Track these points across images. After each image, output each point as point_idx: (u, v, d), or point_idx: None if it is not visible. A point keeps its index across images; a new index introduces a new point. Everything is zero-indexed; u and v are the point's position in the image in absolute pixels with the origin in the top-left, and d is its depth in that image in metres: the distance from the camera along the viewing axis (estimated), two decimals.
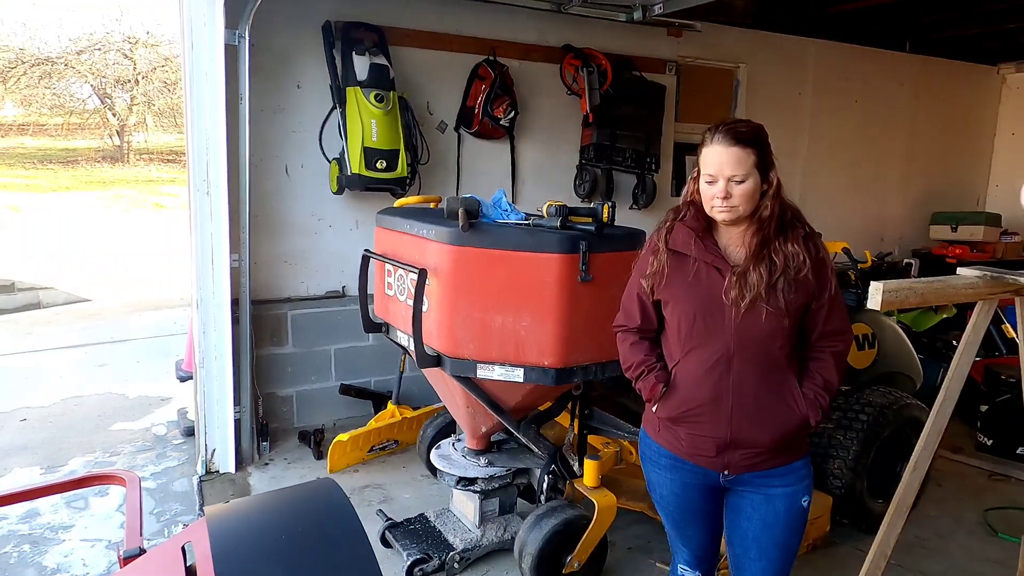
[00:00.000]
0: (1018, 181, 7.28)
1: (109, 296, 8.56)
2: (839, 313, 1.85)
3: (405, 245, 2.73)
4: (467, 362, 2.50)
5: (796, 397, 1.81)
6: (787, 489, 1.87)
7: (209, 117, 3.48)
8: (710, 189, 1.77)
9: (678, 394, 1.85)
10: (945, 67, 6.89)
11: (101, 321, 7.33)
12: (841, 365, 1.85)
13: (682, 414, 1.85)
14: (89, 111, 20.04)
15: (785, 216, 1.80)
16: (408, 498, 3.61)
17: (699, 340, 1.81)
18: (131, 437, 4.36)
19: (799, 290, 1.76)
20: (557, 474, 2.90)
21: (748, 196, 1.75)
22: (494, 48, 4.60)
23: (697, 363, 1.82)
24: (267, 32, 3.96)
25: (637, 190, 5.22)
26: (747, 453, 1.83)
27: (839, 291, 1.87)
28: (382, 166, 3.96)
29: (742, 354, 1.77)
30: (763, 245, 1.76)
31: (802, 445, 1.91)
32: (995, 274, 2.09)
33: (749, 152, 1.73)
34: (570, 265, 2.36)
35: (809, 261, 1.77)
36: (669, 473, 1.95)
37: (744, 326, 1.76)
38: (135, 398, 5.04)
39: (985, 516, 3.53)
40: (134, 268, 10.16)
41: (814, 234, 1.84)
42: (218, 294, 3.63)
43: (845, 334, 1.88)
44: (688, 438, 1.87)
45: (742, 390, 1.79)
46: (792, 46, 5.93)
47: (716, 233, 1.86)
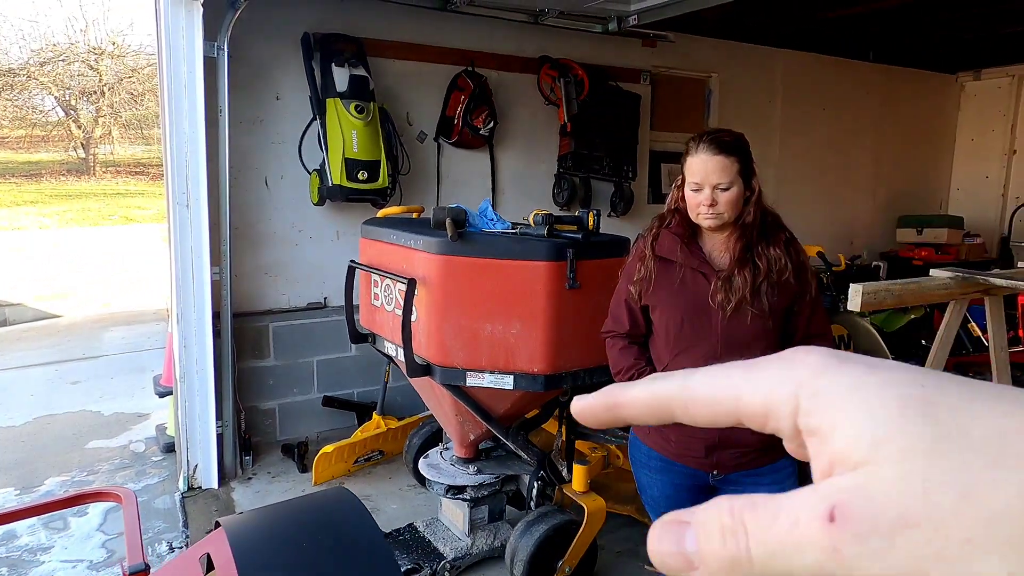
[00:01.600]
0: (978, 185, 7.55)
1: (79, 312, 8.37)
2: (821, 316, 1.92)
3: (392, 255, 2.74)
4: (457, 371, 2.52)
5: None
6: (772, 488, 1.89)
7: (188, 129, 3.46)
8: (696, 197, 1.82)
9: None
10: (907, 76, 7.12)
11: (72, 337, 7.17)
12: None
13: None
14: (52, 123, 19.63)
15: (767, 221, 1.86)
16: (395, 509, 3.60)
17: (687, 343, 1.86)
18: (108, 455, 4.27)
19: (782, 293, 1.82)
20: (546, 480, 2.93)
21: (732, 203, 1.80)
22: (473, 59, 4.65)
23: (685, 366, 1.85)
24: (246, 44, 3.95)
25: (615, 198, 5.29)
26: (735, 452, 1.88)
27: (820, 295, 1.94)
28: (363, 177, 3.97)
29: (728, 356, 1.82)
30: (747, 250, 1.82)
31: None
32: (966, 275, 2.18)
33: (733, 160, 1.80)
34: (558, 272, 2.40)
35: (791, 264, 1.83)
36: (660, 476, 1.98)
37: (730, 329, 1.81)
38: (111, 415, 4.95)
39: None
40: (104, 283, 9.96)
41: (794, 239, 1.90)
42: (199, 307, 3.60)
43: (827, 336, 1.94)
44: (677, 439, 1.91)
45: None
46: (762, 56, 6.08)
47: (700, 239, 1.91)
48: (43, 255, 11.59)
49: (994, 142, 7.40)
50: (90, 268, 11.00)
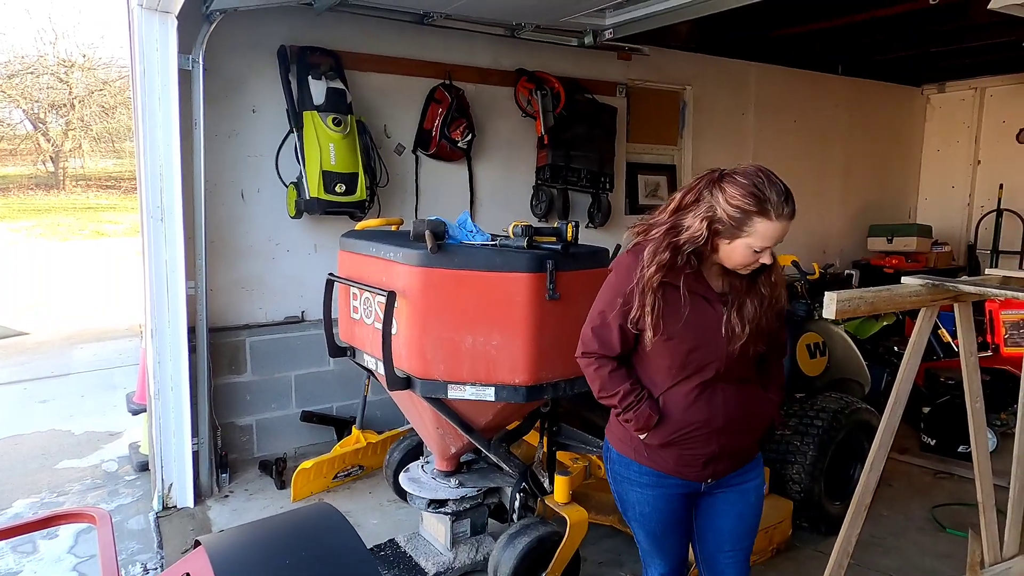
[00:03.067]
0: (944, 194, 7.75)
1: (48, 329, 8.18)
2: (783, 326, 2.05)
3: (371, 268, 2.73)
4: (438, 383, 2.51)
5: (765, 402, 1.99)
6: (756, 480, 2.05)
7: (163, 143, 3.42)
8: (752, 256, 1.76)
9: (670, 421, 1.88)
10: (875, 88, 7.30)
11: (40, 355, 7.00)
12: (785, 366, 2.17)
13: (674, 439, 1.89)
14: (20, 136, 19.28)
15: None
16: (376, 524, 3.56)
17: (691, 370, 1.85)
18: (79, 475, 4.17)
19: (775, 315, 1.91)
20: (528, 492, 2.92)
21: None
22: (450, 72, 4.66)
23: (686, 390, 1.87)
24: (221, 57, 3.93)
25: (592, 209, 5.34)
26: (733, 458, 1.96)
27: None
28: (341, 189, 3.95)
29: (727, 378, 1.88)
30: (754, 277, 1.86)
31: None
32: (936, 282, 2.23)
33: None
34: (538, 283, 2.40)
35: (780, 287, 1.92)
36: (652, 491, 1.96)
37: (734, 355, 1.85)
38: (81, 434, 4.83)
39: (933, 513, 3.70)
40: (74, 298, 9.76)
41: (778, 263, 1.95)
42: (174, 322, 3.54)
43: (786, 344, 2.15)
44: (677, 457, 1.92)
45: (730, 407, 1.89)
46: (735, 69, 6.19)
47: (702, 264, 1.86)
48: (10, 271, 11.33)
49: (959, 153, 7.61)
50: (60, 284, 10.78)
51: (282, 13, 3.98)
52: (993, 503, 2.72)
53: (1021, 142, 7.14)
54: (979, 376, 2.55)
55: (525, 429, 3.03)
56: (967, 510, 3.69)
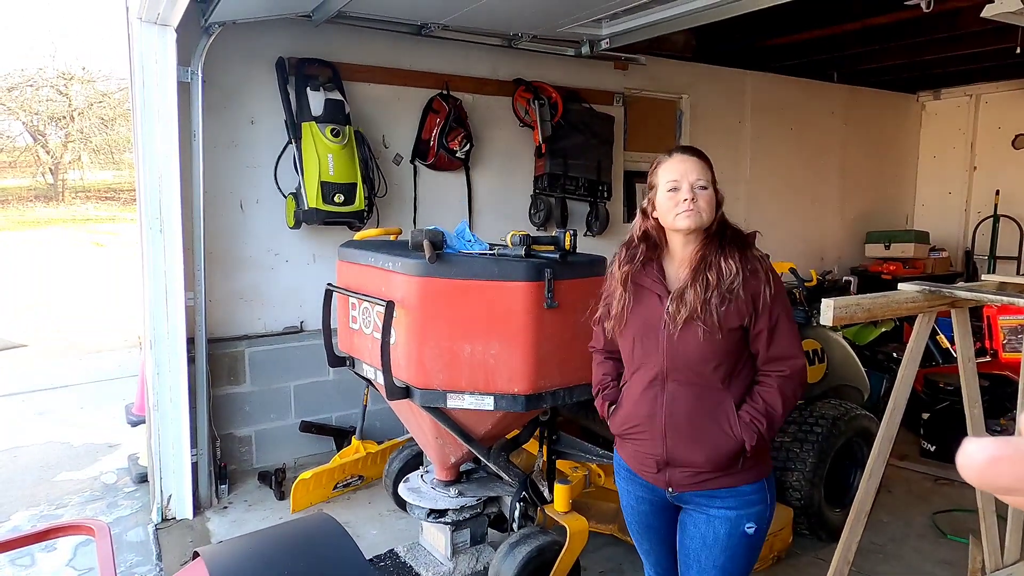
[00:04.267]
0: (941, 200, 7.78)
1: (46, 340, 8.17)
2: (785, 337, 1.81)
3: (370, 278, 2.73)
4: (437, 392, 2.51)
5: (731, 420, 1.79)
6: (729, 512, 1.84)
7: (162, 154, 3.43)
8: (673, 197, 1.80)
9: (622, 411, 1.94)
10: (870, 96, 7.35)
11: (39, 367, 7.00)
12: (787, 390, 1.80)
13: (626, 431, 1.94)
14: (20, 149, 19.32)
15: (725, 234, 1.84)
16: (375, 534, 3.55)
17: (639, 361, 1.88)
18: (78, 487, 4.16)
19: (732, 305, 1.76)
20: (528, 501, 2.91)
21: (711, 203, 1.81)
22: (448, 82, 4.69)
23: (638, 382, 1.89)
24: (220, 68, 3.95)
25: (591, 217, 5.35)
26: (686, 472, 1.84)
27: (788, 315, 1.84)
28: (339, 200, 3.96)
29: (675, 374, 1.82)
30: (702, 261, 1.80)
31: (754, 469, 1.85)
32: (932, 288, 2.24)
33: (706, 166, 1.85)
34: (536, 292, 2.41)
35: (742, 276, 1.77)
36: (626, 484, 2.03)
37: (677, 346, 1.79)
38: (80, 446, 4.82)
39: (933, 519, 3.70)
40: (73, 310, 9.76)
41: (757, 258, 1.84)
42: (172, 333, 3.54)
43: (792, 359, 1.82)
44: (633, 453, 1.95)
45: (674, 409, 1.82)
46: (730, 77, 6.23)
47: (667, 259, 1.89)
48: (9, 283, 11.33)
49: (955, 159, 7.64)
50: (59, 295, 10.78)
51: (281, 25, 4.01)
52: (993, 508, 2.72)
53: (1017, 148, 7.17)
54: (977, 382, 2.56)
55: (525, 438, 3.03)
56: (968, 516, 3.68)
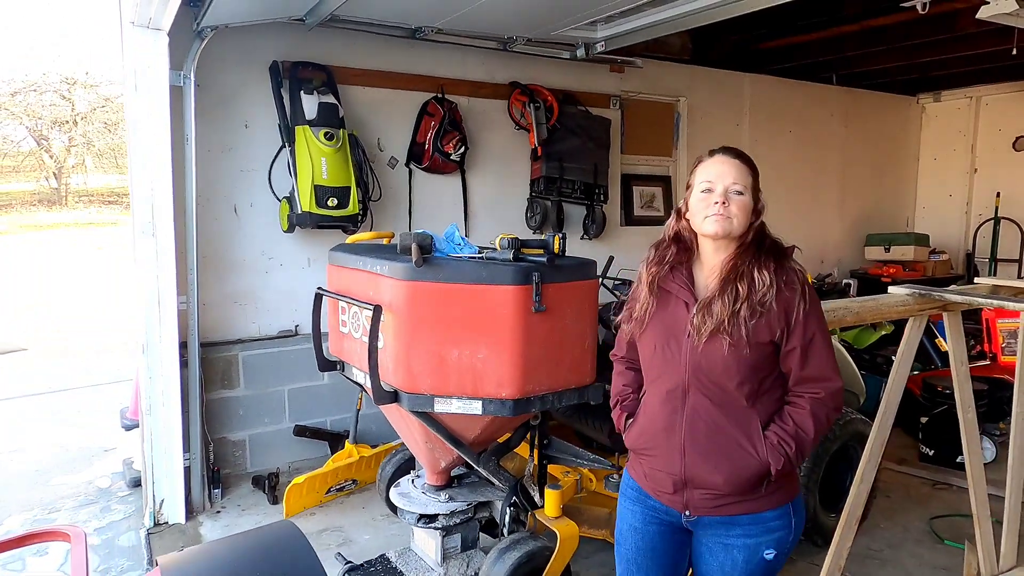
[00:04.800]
0: (942, 203, 7.74)
1: (46, 343, 8.19)
2: (821, 357, 1.72)
3: (359, 282, 2.72)
4: (425, 397, 2.50)
5: (757, 440, 1.68)
6: (748, 540, 1.75)
7: (154, 159, 3.43)
8: (706, 199, 1.72)
9: (638, 424, 1.85)
10: (870, 98, 7.32)
11: (37, 370, 7.01)
12: (820, 414, 1.71)
13: (640, 445, 1.84)
14: (24, 153, 19.41)
15: (763, 244, 1.76)
16: (368, 539, 3.54)
17: (659, 370, 1.79)
18: (73, 491, 4.15)
19: (763, 319, 1.67)
20: (519, 506, 2.90)
21: (744, 210, 1.72)
22: (443, 85, 4.69)
23: (656, 394, 1.80)
24: (214, 72, 3.95)
25: (587, 221, 5.34)
26: (706, 494, 1.74)
27: (824, 333, 1.74)
28: (333, 203, 3.96)
29: (697, 387, 1.72)
30: (733, 271, 1.71)
31: (777, 494, 1.75)
32: (923, 292, 2.22)
33: (748, 170, 1.76)
34: (524, 296, 2.39)
35: (775, 288, 1.67)
36: (633, 505, 1.90)
37: (700, 358, 1.70)
38: (76, 450, 4.82)
39: (931, 524, 3.66)
40: (73, 313, 9.79)
41: (794, 270, 1.75)
42: (165, 338, 3.54)
43: (828, 381, 1.72)
44: (649, 472, 1.84)
45: (694, 425, 1.72)
46: (728, 80, 6.21)
47: (697, 266, 1.81)
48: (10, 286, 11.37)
49: (956, 161, 7.60)
50: (59, 298, 10.81)
51: (274, 29, 4.01)
52: (988, 514, 2.70)
53: (1018, 150, 7.13)
54: (971, 386, 2.54)
55: (515, 442, 3.01)
56: (966, 521, 3.63)
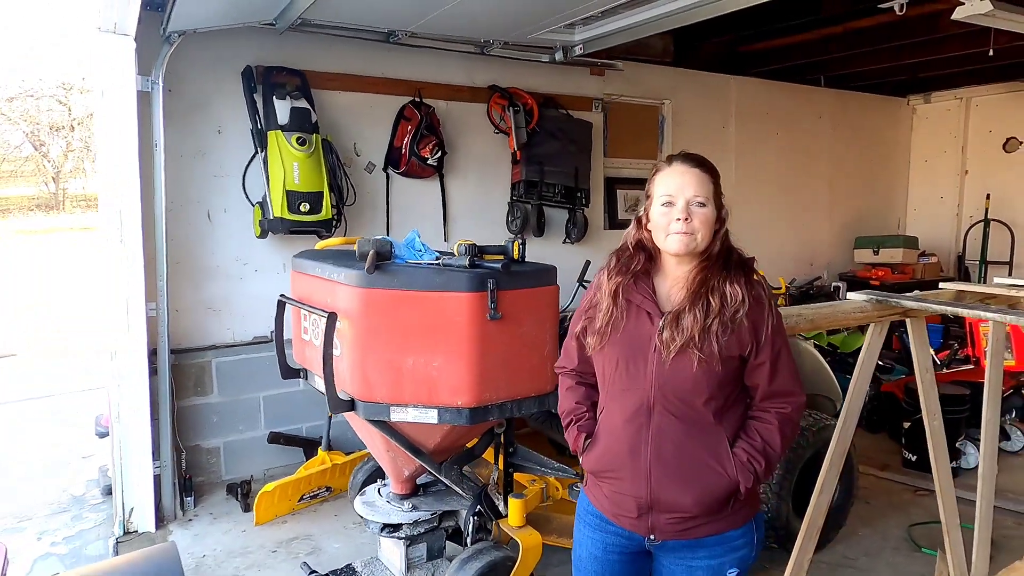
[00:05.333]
0: (933, 205, 7.69)
1: (37, 348, 8.18)
2: (788, 371, 1.70)
3: (318, 289, 2.70)
4: (381, 406, 2.46)
5: (725, 459, 1.65)
6: (712, 561, 1.71)
7: (121, 164, 3.41)
8: (667, 213, 1.66)
9: (599, 445, 1.75)
10: (859, 100, 7.27)
11: (25, 375, 6.99)
12: (787, 429, 1.69)
13: (603, 468, 1.75)
14: (22, 158, 19.47)
15: (731, 257, 1.71)
16: (338, 548, 3.50)
17: (621, 387, 1.71)
18: (47, 499, 4.12)
19: (734, 336, 1.63)
20: (483, 515, 2.86)
21: (708, 223, 1.66)
22: (420, 89, 4.66)
23: (618, 412, 1.71)
24: (186, 78, 3.93)
25: (569, 224, 5.30)
26: (672, 518, 1.68)
27: (788, 348, 1.72)
28: (305, 208, 3.93)
29: (663, 405, 1.65)
30: (702, 285, 1.65)
31: (742, 511, 1.72)
32: (880, 298, 2.18)
33: (709, 178, 1.68)
34: (478, 303, 2.36)
35: (747, 304, 1.63)
36: (592, 533, 1.81)
37: (667, 374, 1.63)
38: (55, 456, 4.79)
39: (910, 532, 3.61)
40: (65, 319, 9.78)
41: (760, 284, 1.71)
42: (133, 345, 3.51)
43: (795, 396, 1.71)
44: (610, 495, 1.75)
45: (661, 444, 1.65)
46: (714, 82, 6.17)
47: (659, 276, 1.74)
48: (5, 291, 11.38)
49: (947, 163, 7.55)
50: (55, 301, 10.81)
51: (247, 33, 3.98)
52: (957, 523, 2.65)
53: (1008, 151, 7.08)
54: (936, 393, 2.50)
55: (480, 450, 2.98)
56: None
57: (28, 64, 22.93)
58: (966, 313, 2.03)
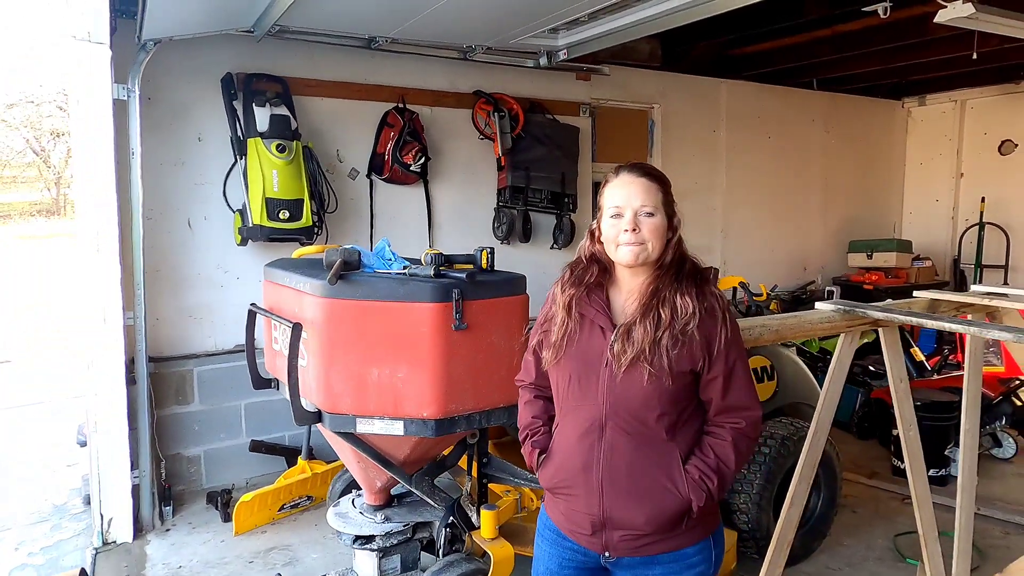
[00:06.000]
0: (929, 208, 7.63)
1: (30, 355, 8.18)
2: (742, 386, 1.67)
3: (287, 298, 2.67)
4: (347, 417, 2.43)
5: (677, 476, 1.62)
6: None
7: (96, 173, 3.39)
8: (616, 224, 1.65)
9: (553, 461, 1.74)
10: (853, 102, 7.22)
11: (15, 381, 6.99)
12: (742, 445, 1.66)
13: (557, 484, 1.73)
14: (24, 164, 19.57)
15: (683, 267, 1.68)
16: (315, 559, 3.47)
17: (574, 402, 1.69)
18: (29, 508, 4.11)
19: (685, 348, 1.60)
20: (456, 526, 2.83)
21: (658, 232, 1.64)
22: (403, 95, 4.64)
23: (572, 428, 1.69)
24: (166, 85, 3.92)
25: (556, 230, 5.27)
26: (625, 535, 1.65)
27: (744, 362, 1.70)
28: (285, 216, 3.91)
29: (615, 421, 1.63)
30: (653, 296, 1.64)
31: (698, 528, 1.69)
32: (848, 308, 2.14)
33: (657, 187, 1.67)
34: (443, 314, 2.33)
35: (698, 316, 1.61)
36: (550, 548, 1.79)
37: (619, 389, 1.61)
38: (37, 465, 4.78)
39: (895, 541, 3.56)
40: (63, 325, 9.79)
41: (714, 295, 1.68)
42: (110, 354, 3.49)
43: (750, 411, 1.67)
44: (566, 511, 1.73)
45: (613, 461, 1.63)
46: (703, 86, 6.14)
47: (614, 289, 1.73)
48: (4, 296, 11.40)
49: (942, 166, 7.50)
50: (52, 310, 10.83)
51: (228, 41, 3.97)
52: (936, 533, 2.61)
53: (1003, 154, 7.02)
54: (911, 403, 2.46)
55: (452, 461, 2.94)
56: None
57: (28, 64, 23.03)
58: (931, 324, 1.99)
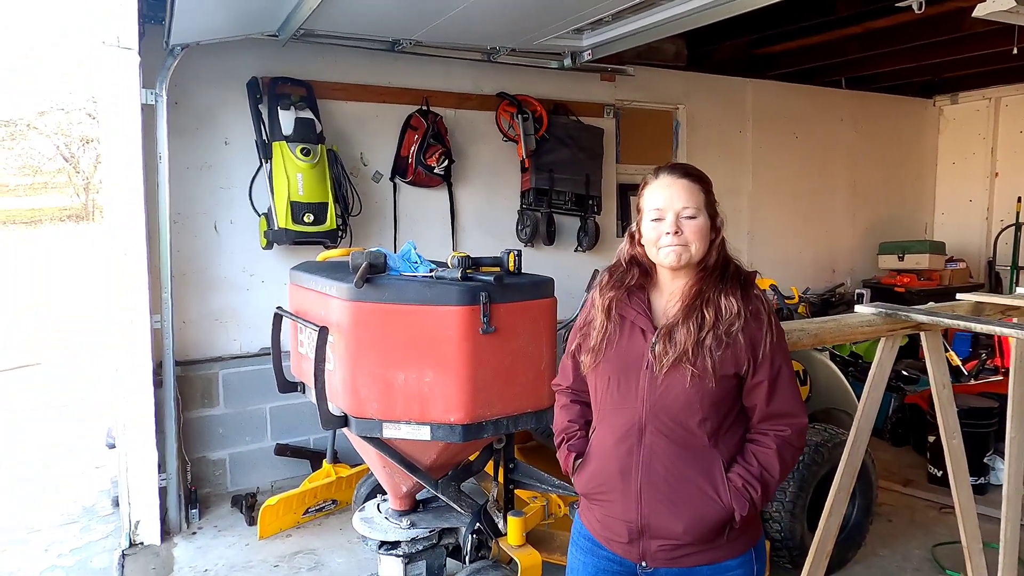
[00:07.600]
0: (962, 208, 7.44)
1: (60, 360, 8.32)
2: (788, 392, 1.62)
3: (313, 302, 2.66)
4: (373, 422, 2.41)
5: (720, 483, 1.57)
6: None
7: (125, 178, 3.42)
8: (657, 227, 1.61)
9: (590, 466, 1.69)
10: (882, 101, 7.07)
11: (42, 385, 7.10)
12: (787, 453, 1.60)
13: (593, 490, 1.68)
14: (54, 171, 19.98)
15: (727, 269, 1.65)
16: (341, 563, 3.45)
17: (613, 405, 1.65)
18: (58, 509, 4.15)
19: (729, 351, 1.56)
20: (483, 533, 2.79)
21: (700, 233, 1.60)
22: (427, 98, 4.62)
23: (609, 432, 1.65)
24: (192, 90, 3.95)
25: (581, 233, 5.22)
26: (664, 544, 1.60)
27: (790, 366, 1.64)
28: (309, 220, 3.91)
29: (655, 424, 1.59)
30: (697, 297, 1.60)
31: (741, 539, 1.64)
32: (889, 311, 2.06)
33: (698, 188, 1.62)
34: (470, 317, 2.30)
35: (743, 318, 1.57)
36: (585, 557, 1.74)
37: (660, 391, 1.57)
38: (68, 466, 4.83)
39: (933, 552, 3.45)
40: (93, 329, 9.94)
41: (759, 298, 1.64)
42: (138, 358, 3.51)
43: (795, 417, 1.62)
44: (601, 518, 1.68)
45: (652, 467, 1.59)
46: (729, 86, 6.05)
47: (655, 291, 1.70)
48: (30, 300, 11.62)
49: (976, 165, 7.30)
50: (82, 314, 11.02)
51: (253, 45, 3.99)
52: (980, 546, 2.52)
53: None
54: (955, 410, 2.38)
55: (478, 467, 2.91)
56: None
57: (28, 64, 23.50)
58: (980, 328, 1.91)
